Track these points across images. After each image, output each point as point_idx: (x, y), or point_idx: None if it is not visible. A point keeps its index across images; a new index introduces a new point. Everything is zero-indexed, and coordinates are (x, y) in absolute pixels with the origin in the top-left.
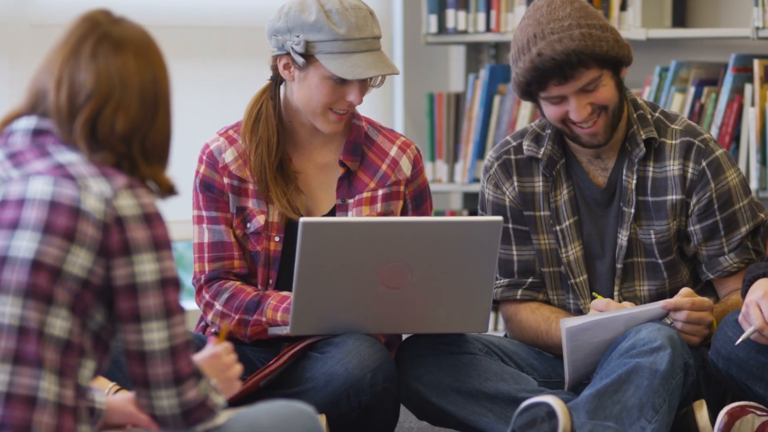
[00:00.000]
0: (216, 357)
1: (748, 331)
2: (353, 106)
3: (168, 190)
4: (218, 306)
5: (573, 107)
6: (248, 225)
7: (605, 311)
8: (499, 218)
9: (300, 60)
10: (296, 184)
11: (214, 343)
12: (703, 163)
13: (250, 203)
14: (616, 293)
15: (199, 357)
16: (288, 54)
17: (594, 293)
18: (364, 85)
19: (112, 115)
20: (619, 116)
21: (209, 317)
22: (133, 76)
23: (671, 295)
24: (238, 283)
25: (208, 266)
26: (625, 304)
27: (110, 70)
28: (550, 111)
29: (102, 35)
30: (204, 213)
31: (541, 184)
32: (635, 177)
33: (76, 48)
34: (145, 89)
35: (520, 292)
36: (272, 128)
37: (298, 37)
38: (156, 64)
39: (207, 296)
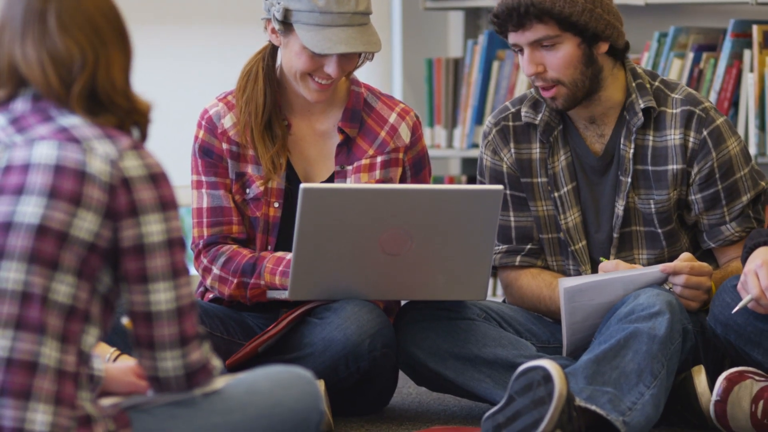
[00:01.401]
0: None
1: (746, 299)
2: (332, 78)
3: (149, 109)
4: (216, 270)
5: (523, 59)
6: (247, 191)
7: (604, 273)
8: (500, 187)
9: (278, 26)
10: (284, 145)
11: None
12: (704, 132)
13: (250, 169)
14: None
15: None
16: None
17: (602, 258)
18: (345, 58)
19: (107, 74)
20: (589, 89)
21: (208, 281)
22: (102, 24)
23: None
24: (234, 246)
25: (207, 231)
26: (635, 265)
27: (84, 30)
28: (520, 61)
29: (58, 0)
30: (203, 178)
31: (538, 150)
32: (633, 146)
33: (42, 26)
34: (114, 28)
35: (518, 258)
36: (260, 89)
37: (279, 3)
38: None
39: (205, 261)
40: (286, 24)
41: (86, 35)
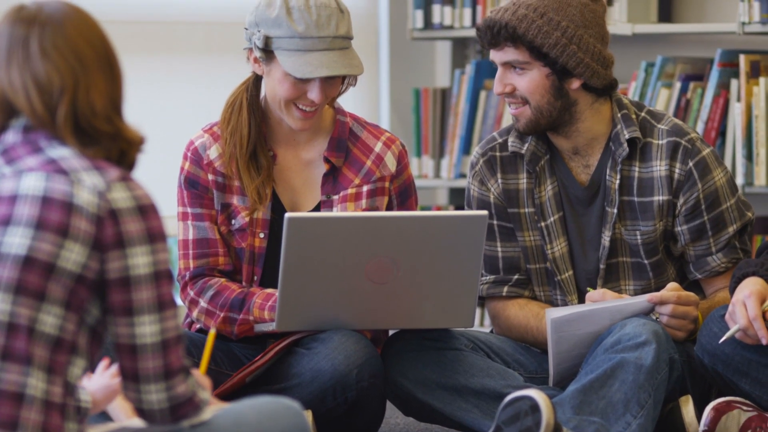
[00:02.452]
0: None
1: (733, 329)
2: (316, 104)
3: (142, 140)
4: (203, 303)
5: (496, 77)
6: (233, 222)
7: (591, 303)
8: (485, 212)
9: (260, 54)
10: (270, 176)
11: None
12: (690, 164)
13: (235, 200)
14: None
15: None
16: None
17: (589, 288)
18: (328, 83)
19: (87, 98)
20: (557, 120)
21: (194, 314)
22: (85, 51)
23: None
24: (222, 280)
25: (193, 263)
26: (622, 295)
27: (66, 57)
28: None
29: (41, 27)
30: (189, 210)
31: (525, 180)
32: (619, 177)
33: (25, 52)
34: (99, 56)
35: (506, 288)
36: (244, 120)
37: (260, 31)
38: (94, 26)
39: (192, 293)
40: (268, 51)
41: (66, 60)
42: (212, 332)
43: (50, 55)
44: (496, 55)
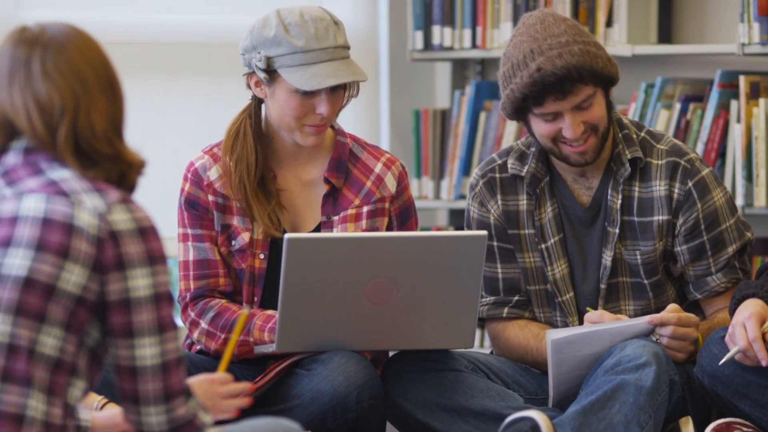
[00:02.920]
0: (210, 382)
1: (733, 351)
2: (326, 119)
3: (143, 164)
4: (204, 324)
5: (567, 124)
6: (233, 242)
7: (592, 324)
8: (484, 233)
9: (263, 76)
10: (279, 201)
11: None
12: (690, 184)
13: (235, 221)
14: None
15: (194, 379)
16: (255, 72)
17: (588, 309)
18: (333, 95)
19: (87, 119)
20: (607, 136)
21: (195, 335)
22: (87, 72)
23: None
24: (223, 301)
25: (193, 284)
26: (620, 316)
27: (67, 77)
28: (542, 128)
29: (43, 48)
30: (189, 231)
31: (525, 202)
32: (620, 197)
33: (27, 72)
34: (100, 77)
35: (506, 310)
36: (250, 147)
37: (260, 53)
38: (96, 49)
39: (192, 314)
40: (270, 72)
41: (68, 81)
42: (244, 312)
43: (52, 76)
44: (562, 104)
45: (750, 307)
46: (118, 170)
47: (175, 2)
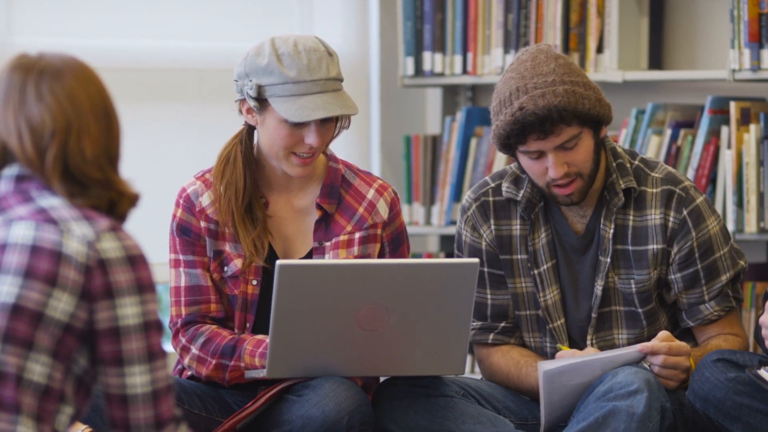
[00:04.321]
0: None
1: None
2: (314, 149)
3: (137, 197)
4: (194, 350)
5: (550, 163)
6: (225, 269)
7: (583, 355)
8: (476, 260)
9: (254, 104)
10: (265, 227)
11: None
12: (684, 212)
13: (228, 247)
14: (588, 342)
15: None
16: (246, 99)
17: (558, 345)
18: (323, 127)
19: (78, 144)
20: (594, 176)
21: (186, 361)
22: (81, 98)
23: None
24: (214, 327)
25: (185, 310)
26: (589, 349)
27: (60, 101)
28: (529, 166)
29: (39, 73)
30: (181, 257)
31: (518, 227)
32: (613, 226)
33: (21, 96)
34: (95, 106)
35: (491, 336)
36: (239, 172)
37: (251, 81)
38: (94, 79)
39: (183, 340)
40: (261, 100)
41: (60, 104)
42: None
43: (45, 99)
44: (545, 143)
45: None
46: (107, 198)
47: (167, 29)
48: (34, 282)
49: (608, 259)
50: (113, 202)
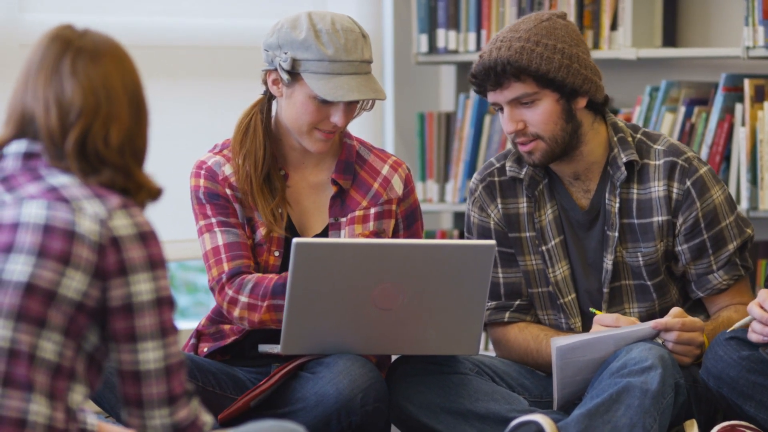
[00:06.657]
0: None
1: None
2: (338, 128)
3: (158, 192)
4: (243, 298)
5: (503, 117)
6: (254, 235)
7: (596, 331)
8: (492, 242)
9: (285, 77)
10: (284, 197)
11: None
12: (688, 183)
13: (256, 214)
14: None
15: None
16: (276, 70)
17: (592, 309)
18: (349, 107)
19: (104, 129)
20: (568, 145)
21: (235, 313)
22: (116, 84)
23: (662, 316)
24: (258, 274)
25: (228, 265)
26: (633, 319)
27: (94, 82)
28: (500, 120)
29: (77, 50)
30: (213, 219)
31: (525, 204)
32: (618, 200)
33: (56, 67)
34: (130, 94)
35: (507, 314)
36: (259, 141)
37: (286, 53)
38: (132, 68)
39: (230, 292)
40: (293, 74)
41: (93, 86)
42: None
43: (79, 77)
44: (500, 96)
45: None
46: (121, 182)
47: (180, 6)
48: (47, 261)
49: (616, 234)
50: (126, 190)
